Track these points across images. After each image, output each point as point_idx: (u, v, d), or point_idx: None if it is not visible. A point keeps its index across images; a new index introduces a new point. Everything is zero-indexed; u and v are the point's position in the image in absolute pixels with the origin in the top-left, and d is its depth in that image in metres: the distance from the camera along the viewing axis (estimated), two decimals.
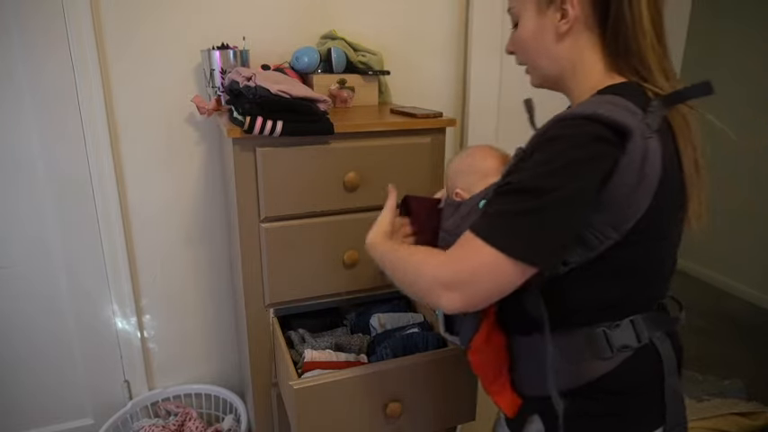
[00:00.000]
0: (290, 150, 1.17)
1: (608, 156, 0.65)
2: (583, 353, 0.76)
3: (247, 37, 1.46)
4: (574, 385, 0.77)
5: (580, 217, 0.67)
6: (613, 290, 0.75)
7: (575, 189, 0.64)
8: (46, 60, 1.37)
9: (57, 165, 1.45)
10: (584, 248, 0.70)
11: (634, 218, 0.68)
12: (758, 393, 2.11)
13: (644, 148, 0.65)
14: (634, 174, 0.65)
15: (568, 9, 0.73)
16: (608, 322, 0.76)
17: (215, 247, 1.67)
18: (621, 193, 0.66)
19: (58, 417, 1.67)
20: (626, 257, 0.72)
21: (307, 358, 1.17)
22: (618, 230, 0.68)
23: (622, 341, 0.76)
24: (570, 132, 0.65)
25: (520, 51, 0.82)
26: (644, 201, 0.67)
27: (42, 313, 1.56)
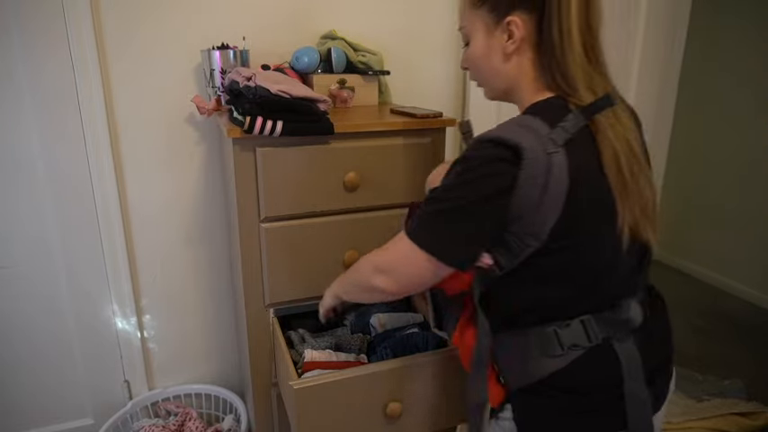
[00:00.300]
0: (290, 150, 1.17)
1: (504, 173, 0.72)
2: (532, 350, 0.82)
3: (247, 37, 1.46)
4: (529, 381, 0.82)
5: (481, 224, 0.76)
6: (550, 293, 0.81)
7: (468, 201, 0.74)
8: (46, 60, 1.37)
9: (57, 165, 1.45)
10: (510, 254, 0.78)
11: (546, 227, 0.74)
12: (758, 393, 2.11)
13: (546, 163, 0.71)
14: (536, 187, 0.72)
15: (514, 30, 0.79)
16: (559, 322, 0.81)
17: (215, 247, 1.67)
18: (527, 204, 0.73)
19: (58, 417, 1.67)
20: (551, 263, 0.78)
21: (307, 358, 1.17)
22: (536, 238, 0.75)
23: (572, 340, 0.80)
24: (474, 154, 0.76)
25: (472, 68, 0.89)
26: (552, 211, 0.73)
27: (42, 313, 1.56)
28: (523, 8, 0.78)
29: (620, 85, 0.85)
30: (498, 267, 0.80)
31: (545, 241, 0.74)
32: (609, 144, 0.75)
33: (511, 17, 0.79)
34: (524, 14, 0.78)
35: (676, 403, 2.04)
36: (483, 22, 0.83)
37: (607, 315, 0.81)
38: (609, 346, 0.81)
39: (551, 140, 0.72)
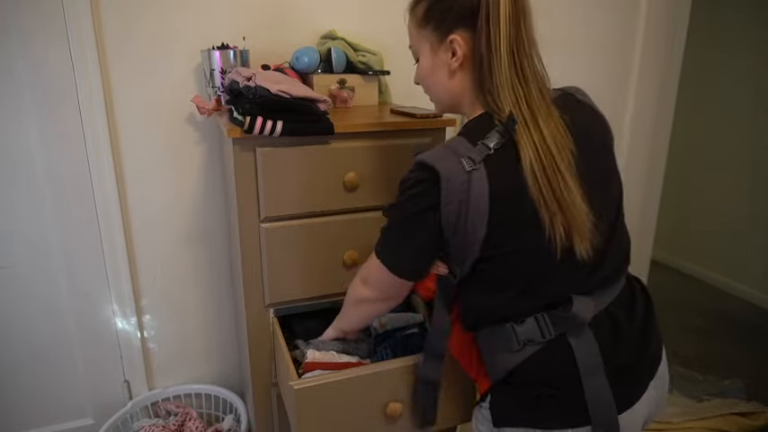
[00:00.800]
0: (290, 150, 1.17)
1: (428, 193, 0.81)
2: (497, 346, 0.89)
3: (247, 37, 1.46)
4: (500, 375, 0.89)
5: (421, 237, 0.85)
6: (498, 295, 0.86)
7: (404, 217, 0.86)
8: (46, 60, 1.37)
9: (57, 165, 1.45)
10: (457, 263, 0.86)
11: (477, 239, 0.80)
12: (758, 393, 2.11)
13: (465, 181, 0.77)
14: (458, 203, 0.78)
15: (457, 48, 0.84)
16: (515, 319, 0.87)
17: (215, 247, 1.67)
18: (453, 219, 0.80)
19: (58, 417, 1.67)
20: (492, 270, 0.84)
21: (308, 358, 1.17)
22: (470, 249, 0.81)
23: (527, 335, 0.86)
24: (407, 176, 0.85)
25: (422, 84, 0.95)
26: (479, 224, 0.78)
27: (42, 313, 1.56)
28: (464, 27, 0.83)
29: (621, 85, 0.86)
30: (453, 275, 0.89)
31: (480, 251, 0.81)
32: (527, 158, 0.78)
33: (453, 35, 0.84)
34: (465, 33, 0.83)
35: (676, 403, 2.04)
36: (428, 41, 0.88)
37: (559, 312, 0.85)
38: (564, 341, 0.85)
39: (470, 159, 0.78)
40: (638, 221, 2.25)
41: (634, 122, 2.12)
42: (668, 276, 3.31)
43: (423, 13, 0.88)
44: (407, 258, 0.90)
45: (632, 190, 2.20)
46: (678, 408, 2.01)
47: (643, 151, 2.16)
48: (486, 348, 0.92)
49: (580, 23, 1.92)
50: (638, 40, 2.04)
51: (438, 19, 0.85)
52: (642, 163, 2.17)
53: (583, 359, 0.84)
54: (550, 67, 0.88)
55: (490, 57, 0.81)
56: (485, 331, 0.91)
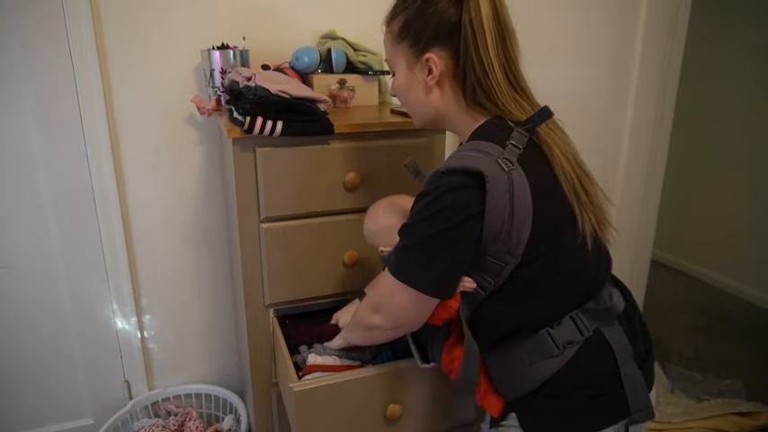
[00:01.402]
0: (290, 150, 1.17)
1: (471, 199, 0.75)
2: (534, 354, 0.84)
3: (247, 37, 1.46)
4: (535, 385, 0.84)
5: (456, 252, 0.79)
6: (535, 301, 0.83)
7: (441, 229, 0.77)
8: (45, 60, 1.37)
9: (56, 165, 1.45)
10: (492, 274, 0.81)
11: (522, 242, 0.77)
12: (758, 393, 2.11)
13: (507, 182, 0.75)
14: (504, 207, 0.75)
15: (433, 67, 0.84)
16: (549, 323, 0.84)
17: (215, 247, 1.67)
18: (498, 225, 0.76)
19: (57, 417, 1.67)
20: (530, 275, 0.81)
21: (309, 362, 1.17)
22: (513, 254, 0.78)
23: (566, 337, 0.83)
24: (434, 187, 0.78)
25: (400, 97, 0.94)
26: (525, 224, 0.76)
27: (42, 313, 1.55)
28: (440, 45, 0.83)
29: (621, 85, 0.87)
30: (482, 289, 0.83)
31: (520, 256, 0.78)
32: (556, 154, 0.80)
33: (429, 54, 0.84)
34: (441, 51, 0.83)
35: (676, 403, 2.04)
36: (404, 57, 0.88)
37: (591, 306, 0.85)
38: (600, 335, 0.84)
39: (506, 160, 0.76)
40: (638, 221, 2.25)
41: (634, 123, 2.12)
42: (668, 276, 3.31)
43: (399, 28, 0.87)
44: (441, 277, 0.81)
45: (632, 190, 2.20)
46: (678, 408, 2.01)
47: (643, 151, 2.16)
48: (511, 362, 0.86)
49: (580, 25, 1.92)
50: (638, 40, 2.04)
51: (414, 36, 0.85)
52: (642, 163, 2.17)
53: (618, 350, 0.84)
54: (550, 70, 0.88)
55: (485, 75, 0.82)
56: (512, 345, 0.85)
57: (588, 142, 0.89)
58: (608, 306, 0.86)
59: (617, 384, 0.83)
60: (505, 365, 0.87)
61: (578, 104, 1.99)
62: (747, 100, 2.89)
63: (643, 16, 2.01)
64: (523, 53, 0.88)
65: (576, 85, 1.98)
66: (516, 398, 0.87)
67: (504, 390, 0.88)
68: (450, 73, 0.85)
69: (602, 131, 2.10)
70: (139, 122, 1.49)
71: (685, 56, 2.12)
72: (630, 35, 2.03)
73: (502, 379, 0.89)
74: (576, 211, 0.80)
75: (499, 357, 0.88)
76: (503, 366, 0.88)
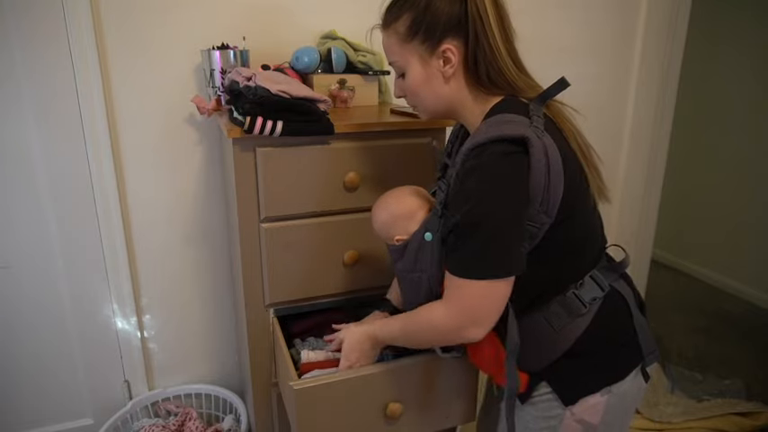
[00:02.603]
0: (290, 150, 1.17)
1: (520, 164, 0.79)
2: (564, 317, 0.90)
3: (247, 37, 1.46)
4: (565, 348, 0.90)
5: (522, 219, 0.81)
6: (563, 261, 0.90)
7: (506, 204, 0.80)
8: (46, 60, 1.37)
9: (57, 164, 1.45)
10: (529, 238, 0.84)
11: (557, 201, 0.82)
12: (758, 393, 2.11)
13: (543, 146, 0.79)
14: (543, 169, 0.79)
15: (450, 56, 0.87)
16: (572, 285, 0.90)
17: (215, 247, 1.67)
18: (540, 186, 0.80)
19: (58, 417, 1.67)
20: (562, 233, 0.85)
21: (303, 359, 1.17)
22: (548, 215, 0.82)
23: (591, 295, 0.90)
24: (485, 159, 0.80)
25: (410, 96, 0.96)
26: (559, 186, 0.81)
27: (42, 313, 1.56)
28: (453, 35, 0.87)
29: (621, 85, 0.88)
30: None
31: (556, 214, 0.82)
32: (567, 125, 0.87)
33: (445, 45, 0.87)
34: (455, 41, 0.87)
35: (676, 403, 2.04)
36: (417, 54, 0.90)
37: (605, 264, 0.94)
38: (614, 288, 0.93)
39: (536, 127, 0.81)
40: (638, 221, 2.25)
41: (634, 122, 2.12)
42: (668, 276, 3.31)
43: (406, 28, 0.90)
44: (521, 250, 0.82)
45: (632, 189, 2.20)
46: (678, 408, 2.01)
47: (643, 151, 2.16)
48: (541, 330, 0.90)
49: (580, 25, 1.92)
50: (638, 40, 2.04)
51: (426, 31, 0.88)
52: (642, 162, 2.17)
53: (629, 300, 0.93)
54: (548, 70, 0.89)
55: (493, 55, 0.86)
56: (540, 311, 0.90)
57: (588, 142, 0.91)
58: (620, 261, 0.95)
59: (632, 332, 0.93)
60: (535, 338, 0.91)
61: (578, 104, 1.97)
62: (747, 100, 2.89)
63: (643, 16, 2.01)
64: (524, 54, 0.92)
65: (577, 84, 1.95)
66: (543, 367, 0.92)
67: (533, 363, 0.92)
68: (464, 61, 0.88)
69: (602, 131, 2.10)
70: (139, 122, 1.50)
71: (685, 55, 2.12)
72: (630, 35, 2.03)
73: (531, 352, 0.91)
74: (588, 175, 0.87)
75: (532, 323, 0.91)
76: (532, 339, 0.90)
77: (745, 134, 2.92)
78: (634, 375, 0.93)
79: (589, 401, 0.91)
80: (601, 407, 0.91)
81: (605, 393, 0.91)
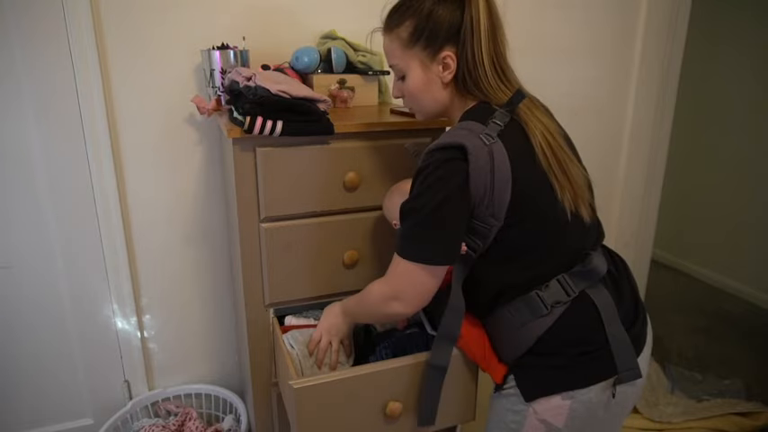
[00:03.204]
0: (290, 150, 1.17)
1: (458, 169, 0.86)
2: (527, 314, 0.93)
3: (247, 37, 1.46)
4: (529, 344, 0.93)
5: (454, 219, 0.88)
6: (520, 262, 0.92)
7: (437, 202, 0.86)
8: (45, 60, 1.37)
9: (57, 164, 1.45)
10: (480, 237, 0.90)
11: (504, 205, 0.86)
12: (758, 393, 2.11)
13: (488, 153, 0.85)
14: (485, 174, 0.85)
15: (450, 63, 0.93)
16: (539, 285, 0.92)
17: (215, 247, 1.67)
18: (482, 191, 0.86)
19: (57, 417, 1.67)
20: (516, 237, 0.90)
21: (286, 323, 1.22)
22: (496, 218, 0.87)
23: (554, 298, 0.91)
24: (427, 162, 0.88)
25: (409, 98, 1.02)
26: (504, 192, 0.86)
27: (42, 313, 1.56)
28: (452, 43, 0.92)
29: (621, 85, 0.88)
30: (473, 251, 0.92)
31: (503, 219, 0.87)
32: (535, 132, 0.89)
33: (445, 52, 0.93)
34: (453, 48, 0.93)
35: (676, 403, 2.04)
36: (418, 59, 0.96)
37: (578, 269, 0.93)
38: (585, 295, 0.92)
39: (487, 135, 0.86)
40: (638, 221, 2.25)
41: (634, 122, 2.12)
42: (668, 276, 3.31)
43: (409, 34, 0.95)
44: (448, 245, 0.89)
45: (632, 189, 2.20)
46: (678, 408, 2.01)
47: (643, 151, 2.16)
48: (507, 323, 0.95)
49: (580, 25, 1.92)
50: (638, 40, 2.04)
51: (428, 38, 0.93)
52: (642, 162, 2.17)
53: (604, 309, 0.92)
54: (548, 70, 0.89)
55: (474, 67, 0.92)
56: (506, 306, 0.95)
57: (588, 142, 0.93)
58: (590, 268, 0.93)
59: (603, 342, 0.91)
60: (500, 327, 0.97)
61: (579, 104, 1.99)
62: (747, 100, 2.89)
63: (643, 16, 2.01)
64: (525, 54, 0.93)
65: (577, 85, 1.98)
66: (513, 360, 0.96)
67: (503, 353, 0.99)
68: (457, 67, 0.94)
69: (602, 131, 2.10)
70: (139, 122, 1.50)
71: (685, 55, 2.13)
72: (630, 35, 2.03)
73: (499, 341, 0.99)
74: (553, 182, 0.89)
75: (494, 320, 0.98)
76: (498, 329, 0.98)
77: (745, 134, 2.92)
78: (603, 388, 0.91)
79: (551, 402, 0.92)
80: (564, 411, 0.91)
81: (567, 398, 0.91)
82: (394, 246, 0.94)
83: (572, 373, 0.91)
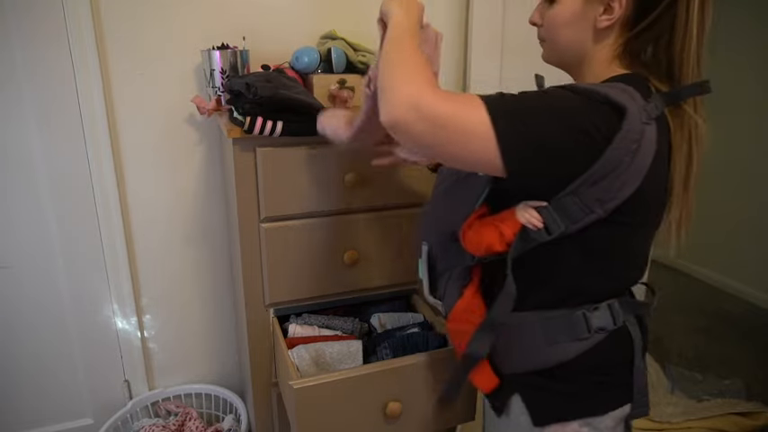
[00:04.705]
0: (290, 150, 1.17)
1: (603, 125, 0.67)
2: (561, 334, 0.80)
3: (247, 37, 1.46)
4: (549, 365, 0.81)
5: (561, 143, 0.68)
6: (589, 269, 0.78)
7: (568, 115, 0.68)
8: (46, 61, 1.37)
9: (57, 165, 1.45)
10: (567, 219, 0.72)
11: (621, 197, 0.70)
12: (758, 393, 2.11)
13: (640, 132, 0.68)
14: (627, 152, 0.68)
15: (615, 7, 0.74)
16: (587, 305, 0.79)
17: (215, 247, 1.67)
18: (611, 167, 0.68)
19: (57, 417, 1.67)
20: (605, 237, 0.75)
21: (290, 333, 1.20)
22: (603, 207, 0.71)
23: (600, 323, 0.79)
24: (582, 98, 0.69)
25: (548, 28, 0.82)
26: (632, 182, 0.70)
27: (42, 313, 1.56)
28: None
29: None
30: (547, 231, 0.74)
31: (610, 211, 0.71)
32: (686, 139, 0.75)
33: None
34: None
35: (676, 403, 2.04)
36: None
37: (627, 299, 0.82)
38: (625, 328, 0.82)
39: (646, 112, 0.69)
40: None
41: None
42: (668, 276, 3.31)
43: None
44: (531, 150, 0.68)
45: None
46: (678, 408, 2.01)
47: None
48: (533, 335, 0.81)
49: None
50: None
51: None
52: None
53: (636, 344, 0.83)
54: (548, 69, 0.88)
55: (685, 33, 0.76)
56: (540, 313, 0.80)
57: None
58: (638, 301, 0.85)
59: (627, 374, 0.83)
60: (519, 337, 0.82)
61: None
62: (747, 100, 2.89)
63: None
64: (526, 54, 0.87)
65: None
66: (515, 374, 0.84)
67: (506, 365, 0.85)
68: (626, 18, 0.76)
69: None
70: (139, 122, 1.50)
71: None
72: None
73: (509, 351, 0.84)
74: (673, 198, 0.77)
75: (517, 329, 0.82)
76: (515, 337, 0.82)
77: (745, 134, 2.92)
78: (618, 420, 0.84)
79: (565, 429, 0.83)
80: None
81: (585, 425, 0.83)
82: None
83: (590, 399, 0.83)
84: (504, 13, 1.68)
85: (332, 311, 1.41)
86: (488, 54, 1.69)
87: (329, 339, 1.26)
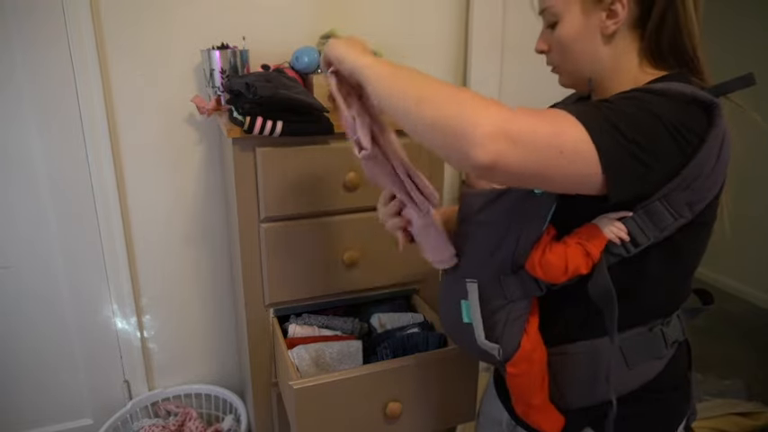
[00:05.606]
0: (290, 150, 1.17)
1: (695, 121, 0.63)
2: (642, 353, 0.75)
3: (247, 37, 1.46)
4: (629, 389, 0.75)
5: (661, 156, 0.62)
6: (673, 277, 0.74)
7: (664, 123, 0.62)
8: (46, 60, 1.37)
9: (57, 165, 1.45)
10: (656, 227, 0.67)
11: (709, 197, 0.67)
12: (758, 393, 2.11)
13: (724, 128, 0.66)
14: (715, 151, 0.65)
15: (618, 9, 0.71)
16: (660, 319, 0.75)
17: (215, 247, 1.67)
18: (703, 168, 0.64)
19: (57, 417, 1.67)
20: (690, 241, 0.71)
21: (289, 334, 1.20)
22: (692, 210, 0.67)
23: (674, 337, 0.76)
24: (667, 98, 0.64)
25: (557, 52, 0.79)
26: (717, 182, 0.67)
27: (42, 313, 1.56)
28: None
29: None
30: (634, 244, 0.68)
31: (697, 213, 0.68)
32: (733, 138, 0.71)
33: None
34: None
35: None
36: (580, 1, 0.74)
37: (686, 306, 0.80)
38: (685, 338, 0.80)
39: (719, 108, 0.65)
40: None
41: None
42: None
43: None
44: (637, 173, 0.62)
45: None
46: None
47: None
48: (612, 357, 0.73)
49: None
50: None
51: None
52: None
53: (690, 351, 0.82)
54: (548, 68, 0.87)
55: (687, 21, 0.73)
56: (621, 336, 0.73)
57: None
58: (698, 307, 0.83)
59: (688, 386, 0.82)
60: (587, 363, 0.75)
61: None
62: (747, 100, 2.88)
63: None
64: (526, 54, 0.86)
65: None
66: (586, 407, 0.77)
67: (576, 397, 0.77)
68: (633, 18, 0.73)
69: None
70: (139, 122, 1.50)
71: None
72: None
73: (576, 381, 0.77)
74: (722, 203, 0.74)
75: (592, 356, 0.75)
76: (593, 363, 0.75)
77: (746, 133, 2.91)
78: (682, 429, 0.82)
79: None
80: None
81: None
82: None
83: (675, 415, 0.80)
84: (504, 13, 1.68)
85: (332, 311, 1.40)
86: (488, 54, 1.69)
87: (329, 339, 1.25)
